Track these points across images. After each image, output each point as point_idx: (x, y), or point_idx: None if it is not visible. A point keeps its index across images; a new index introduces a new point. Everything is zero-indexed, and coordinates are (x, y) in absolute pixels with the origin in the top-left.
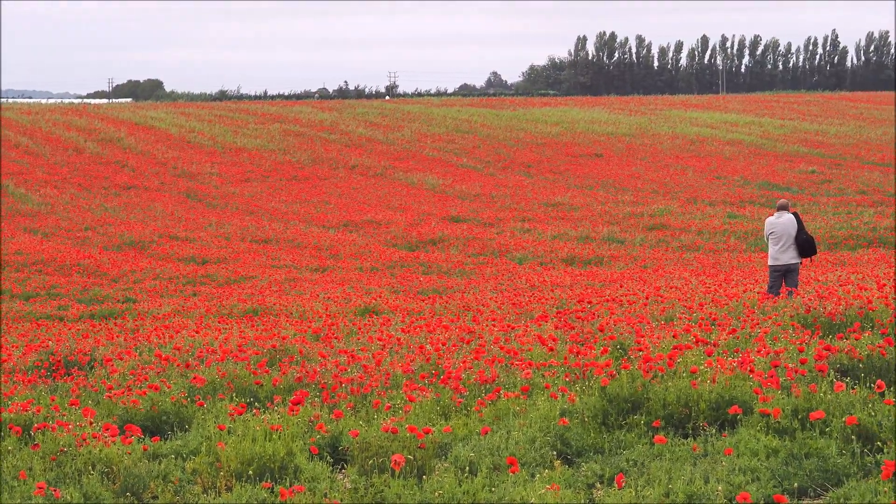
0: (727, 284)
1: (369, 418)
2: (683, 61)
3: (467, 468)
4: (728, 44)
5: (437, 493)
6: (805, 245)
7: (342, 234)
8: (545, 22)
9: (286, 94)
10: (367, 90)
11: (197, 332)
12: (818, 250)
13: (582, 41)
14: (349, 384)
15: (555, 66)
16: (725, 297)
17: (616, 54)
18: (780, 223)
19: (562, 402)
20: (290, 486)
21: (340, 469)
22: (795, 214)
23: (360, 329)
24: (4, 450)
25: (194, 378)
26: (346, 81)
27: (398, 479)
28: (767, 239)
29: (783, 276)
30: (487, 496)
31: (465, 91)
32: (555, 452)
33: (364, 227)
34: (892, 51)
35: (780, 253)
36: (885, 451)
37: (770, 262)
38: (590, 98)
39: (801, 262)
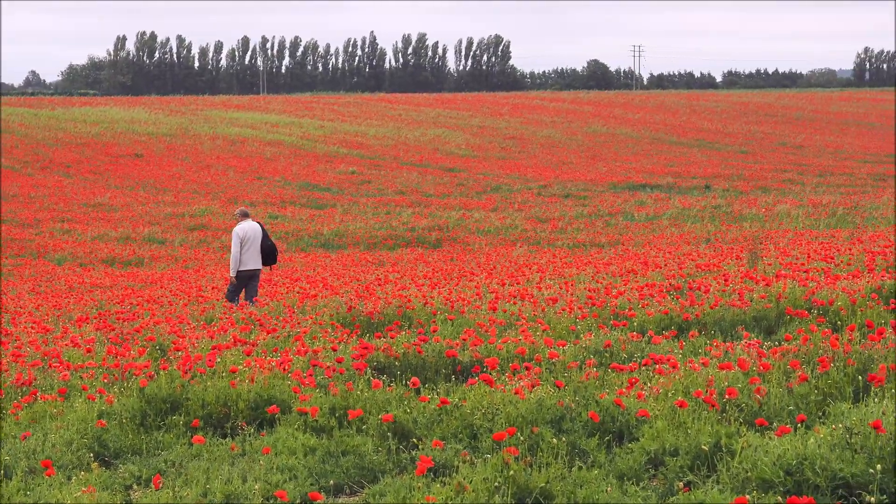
0: (267, 284)
1: None
2: (224, 62)
3: (2, 472)
4: (269, 45)
5: None
6: (269, 252)
7: None
8: (83, 20)
9: None
10: None
11: None
12: (278, 258)
13: (122, 41)
14: None
15: (95, 65)
16: (266, 297)
17: (157, 54)
18: (251, 229)
19: (100, 403)
20: None
21: None
22: (259, 223)
23: None
24: None
25: None
26: None
27: None
28: (240, 245)
29: (246, 283)
30: (22, 500)
31: (3, 90)
32: (92, 454)
33: None
34: (430, 53)
35: (249, 259)
36: (421, 447)
37: (239, 268)
38: (130, 98)
39: (261, 270)
